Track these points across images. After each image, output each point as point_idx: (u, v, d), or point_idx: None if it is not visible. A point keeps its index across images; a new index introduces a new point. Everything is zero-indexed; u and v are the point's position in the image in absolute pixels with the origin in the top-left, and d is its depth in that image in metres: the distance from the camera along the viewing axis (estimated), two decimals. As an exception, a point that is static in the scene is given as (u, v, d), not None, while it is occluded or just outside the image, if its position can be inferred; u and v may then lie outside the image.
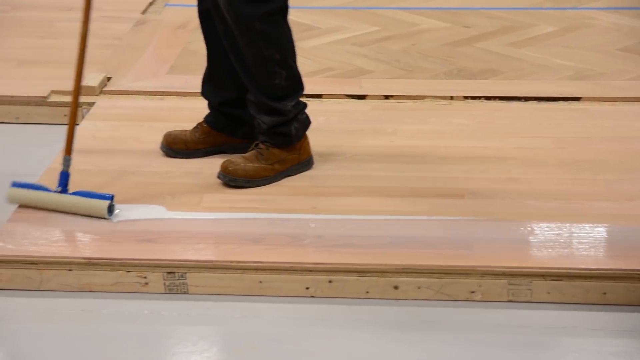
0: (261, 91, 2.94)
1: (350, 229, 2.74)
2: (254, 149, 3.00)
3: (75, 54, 4.10)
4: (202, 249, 2.65)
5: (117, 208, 2.81)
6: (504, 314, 2.53)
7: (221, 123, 3.14)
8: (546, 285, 2.55)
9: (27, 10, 4.73)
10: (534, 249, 2.64)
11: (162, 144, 3.17)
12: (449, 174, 3.04)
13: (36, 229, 2.74)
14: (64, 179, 2.84)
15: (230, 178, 2.94)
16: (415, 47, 4.19)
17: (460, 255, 2.61)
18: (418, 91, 3.70)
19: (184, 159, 3.14)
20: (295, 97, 2.99)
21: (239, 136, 3.15)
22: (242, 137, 3.14)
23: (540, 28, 4.41)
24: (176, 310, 2.56)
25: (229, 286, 2.60)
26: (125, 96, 3.72)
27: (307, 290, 2.59)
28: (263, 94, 2.93)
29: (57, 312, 2.56)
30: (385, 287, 2.58)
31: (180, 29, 4.43)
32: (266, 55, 2.88)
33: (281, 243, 2.68)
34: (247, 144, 3.09)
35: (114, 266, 2.61)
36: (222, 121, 3.14)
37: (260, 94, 2.94)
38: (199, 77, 3.15)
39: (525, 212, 2.81)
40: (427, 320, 2.51)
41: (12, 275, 2.62)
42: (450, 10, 4.67)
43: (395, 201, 2.88)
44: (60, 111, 3.66)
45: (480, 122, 3.44)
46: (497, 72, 3.91)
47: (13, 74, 3.92)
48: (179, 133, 3.17)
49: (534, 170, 3.07)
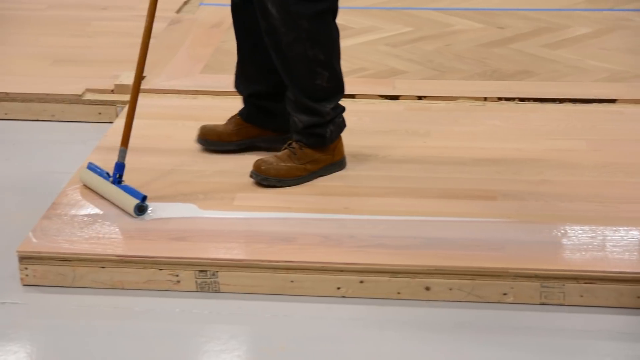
0: (301, 90, 2.93)
1: (382, 230, 2.73)
2: (287, 148, 3.01)
3: (110, 52, 4.16)
4: (233, 247, 2.66)
5: (150, 208, 2.82)
6: (536, 317, 2.51)
7: (253, 115, 3.15)
8: (579, 288, 2.53)
9: (63, 9, 4.77)
10: (567, 251, 2.63)
11: (197, 136, 3.19)
12: (482, 175, 3.03)
13: (70, 226, 2.76)
14: (116, 169, 2.87)
15: (262, 177, 2.95)
16: (449, 47, 4.17)
17: (492, 257, 2.59)
18: (451, 92, 3.69)
19: (217, 152, 3.15)
20: (334, 100, 2.98)
21: (270, 128, 3.15)
22: (273, 129, 3.15)
23: (576, 29, 4.38)
24: (207, 309, 2.56)
25: (260, 285, 2.60)
26: (159, 95, 3.73)
27: (338, 290, 2.59)
28: (302, 93, 2.93)
29: (90, 309, 2.57)
30: (416, 288, 2.57)
31: (214, 28, 4.45)
32: (310, 55, 2.87)
33: (313, 243, 2.68)
34: (278, 137, 3.10)
35: (147, 264, 2.62)
36: (253, 113, 3.15)
37: (299, 92, 2.93)
38: (232, 76, 3.16)
39: (558, 215, 2.79)
40: (459, 322, 2.50)
41: (45, 271, 2.64)
42: (484, 10, 4.65)
43: (428, 202, 2.88)
44: (95, 109, 3.68)
45: (514, 123, 3.42)
46: (531, 73, 3.89)
47: (48, 72, 3.95)
48: (213, 126, 3.19)
49: (568, 173, 3.04)
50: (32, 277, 2.65)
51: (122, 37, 4.36)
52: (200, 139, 3.18)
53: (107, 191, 2.87)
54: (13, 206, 3.08)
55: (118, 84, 3.74)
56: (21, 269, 2.65)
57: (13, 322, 2.53)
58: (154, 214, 2.81)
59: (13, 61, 4.06)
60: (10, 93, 3.72)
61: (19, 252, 2.65)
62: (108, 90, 3.75)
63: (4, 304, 2.59)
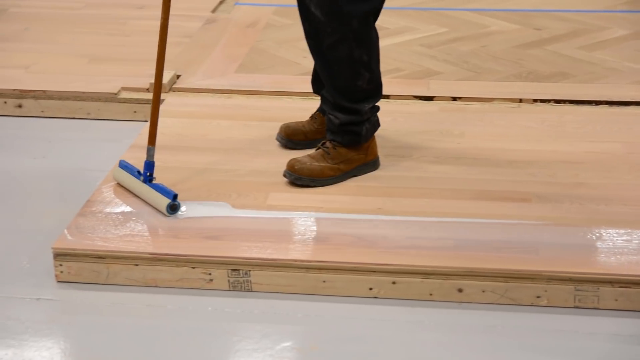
0: (340, 91, 2.93)
1: (416, 231, 2.72)
2: (321, 147, 3.01)
3: (145, 51, 4.18)
4: (266, 247, 2.66)
5: (183, 206, 2.83)
6: (570, 320, 2.49)
7: None
8: (614, 292, 2.51)
9: (100, 7, 4.80)
10: (602, 254, 2.61)
11: (279, 136, 3.20)
12: (516, 177, 3.01)
13: (104, 223, 2.78)
14: (146, 168, 2.89)
15: (296, 177, 2.95)
16: (484, 48, 4.16)
17: (526, 260, 2.58)
18: (486, 93, 3.67)
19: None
20: (373, 101, 2.99)
21: None
22: None
23: (613, 31, 4.34)
24: (240, 308, 2.57)
25: (293, 285, 2.60)
26: (193, 94, 3.75)
27: (370, 290, 2.59)
28: (342, 94, 2.93)
29: (123, 306, 2.59)
30: (449, 289, 2.56)
31: (249, 27, 4.46)
32: (355, 55, 2.87)
33: (346, 243, 2.68)
34: None
35: (180, 262, 2.63)
36: None
37: (338, 94, 2.94)
38: (267, 75, 3.17)
39: (593, 217, 2.77)
40: (491, 325, 2.49)
41: (79, 268, 2.66)
42: (521, 12, 4.63)
43: (461, 204, 2.86)
44: (130, 107, 3.71)
45: (549, 125, 3.40)
46: (567, 75, 3.86)
47: (85, 71, 3.98)
48: (296, 125, 3.21)
49: (603, 175, 3.02)
50: (66, 273, 2.67)
51: (157, 36, 4.36)
52: (284, 139, 3.19)
53: (139, 190, 2.89)
54: (48, 203, 3.11)
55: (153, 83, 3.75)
56: (56, 266, 2.67)
57: (47, 318, 2.55)
58: (188, 212, 2.82)
59: (50, 59, 4.10)
60: (47, 91, 3.75)
61: (54, 249, 2.67)
62: (143, 88, 3.76)
63: (39, 300, 2.61)
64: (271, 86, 3.76)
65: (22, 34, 4.43)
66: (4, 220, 3.02)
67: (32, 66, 4.01)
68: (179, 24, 4.51)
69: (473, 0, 4.80)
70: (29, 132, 3.64)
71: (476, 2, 4.77)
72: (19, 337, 2.47)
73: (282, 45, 4.22)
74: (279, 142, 3.21)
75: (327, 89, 2.97)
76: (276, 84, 3.78)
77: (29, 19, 4.62)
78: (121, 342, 2.45)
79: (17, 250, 2.83)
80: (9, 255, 2.81)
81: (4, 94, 3.76)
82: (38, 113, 3.76)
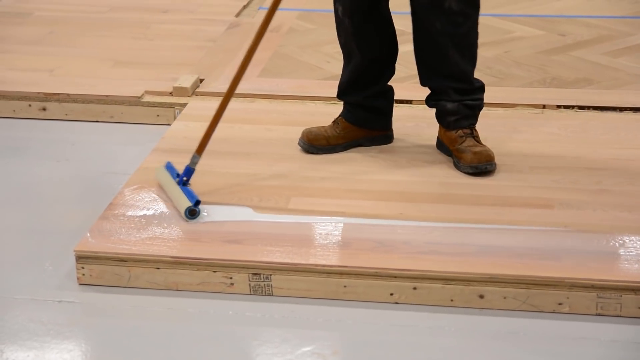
0: (465, 77, 3.07)
1: (437, 236, 2.72)
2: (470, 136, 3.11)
3: (169, 55, 4.19)
4: (287, 251, 2.66)
5: (205, 212, 2.83)
6: (592, 328, 2.48)
7: (361, 119, 3.21)
8: (637, 299, 2.49)
9: (124, 11, 4.82)
10: (624, 262, 2.59)
11: (302, 141, 3.22)
12: (539, 183, 3.00)
13: (126, 227, 2.79)
14: (185, 172, 2.90)
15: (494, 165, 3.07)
16: (508, 54, 4.14)
17: (548, 266, 2.56)
18: (510, 99, 3.65)
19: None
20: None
21: (377, 128, 3.23)
22: (380, 128, 3.23)
23: (638, 37, 4.31)
24: (260, 312, 2.57)
25: (313, 289, 2.60)
26: (217, 98, 3.74)
27: (391, 296, 2.58)
28: (467, 79, 3.08)
29: (144, 309, 2.60)
30: (470, 295, 2.55)
31: (272, 32, 4.46)
32: (477, 40, 3.10)
33: (367, 248, 2.67)
34: (383, 134, 3.21)
35: (201, 266, 2.64)
36: (362, 117, 3.21)
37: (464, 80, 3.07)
38: (289, 80, 3.17)
39: (616, 225, 2.75)
40: (512, 331, 2.48)
41: (101, 271, 2.67)
42: (545, 17, 4.61)
43: (483, 209, 2.85)
44: (153, 111, 3.72)
45: (573, 131, 3.38)
46: (591, 81, 3.84)
47: (109, 74, 4.00)
48: (318, 130, 3.24)
49: (627, 182, 3.00)
50: (88, 276, 2.68)
51: (181, 40, 4.40)
52: (306, 144, 3.21)
53: (170, 189, 2.91)
54: (71, 206, 3.13)
55: (177, 87, 3.77)
56: (78, 269, 2.68)
57: (69, 321, 2.56)
58: (209, 216, 2.83)
59: (74, 63, 4.12)
60: (71, 94, 3.77)
61: (77, 252, 2.68)
62: (167, 92, 3.78)
63: (61, 302, 2.62)
64: (294, 91, 3.76)
65: (47, 37, 4.46)
66: (27, 223, 3.04)
67: (56, 69, 4.03)
68: (203, 28, 4.53)
69: (497, 6, 4.78)
70: (52, 135, 3.66)
71: (500, 7, 4.75)
72: (40, 340, 2.48)
73: (305, 50, 4.23)
74: (301, 147, 3.21)
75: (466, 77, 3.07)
76: (299, 89, 3.78)
77: (53, 22, 4.65)
78: (142, 345, 2.46)
79: (39, 253, 2.84)
80: (31, 258, 2.83)
81: (29, 97, 3.79)
82: (62, 116, 3.78)
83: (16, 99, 3.79)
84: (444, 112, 3.11)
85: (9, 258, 2.84)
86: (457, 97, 3.09)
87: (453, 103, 3.09)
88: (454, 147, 3.10)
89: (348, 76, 3.19)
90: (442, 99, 3.11)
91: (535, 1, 4.87)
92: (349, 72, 3.18)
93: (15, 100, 3.79)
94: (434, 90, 3.14)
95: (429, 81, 3.13)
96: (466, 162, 3.04)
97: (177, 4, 4.96)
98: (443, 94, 3.10)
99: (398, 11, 3.09)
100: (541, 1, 4.88)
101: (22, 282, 2.71)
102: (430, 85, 3.14)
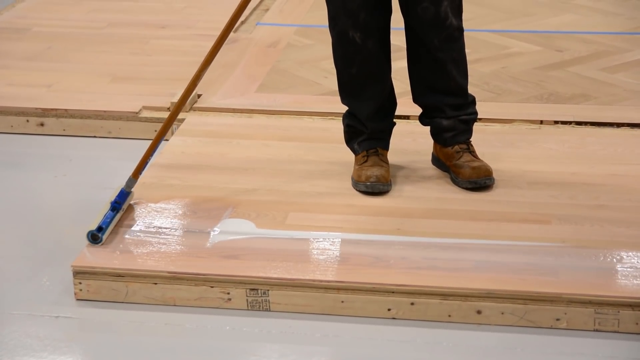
0: (463, 88, 3.08)
1: (434, 252, 2.72)
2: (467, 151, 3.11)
3: (167, 70, 4.20)
4: (285, 267, 2.66)
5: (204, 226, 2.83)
6: (589, 344, 2.47)
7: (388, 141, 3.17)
8: (634, 315, 2.49)
9: (123, 27, 4.83)
10: (622, 277, 2.59)
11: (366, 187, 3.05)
12: (536, 199, 3.00)
13: (123, 242, 2.79)
14: (118, 195, 2.88)
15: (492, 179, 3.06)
16: (505, 70, 4.15)
17: (545, 282, 2.56)
18: (507, 114, 3.66)
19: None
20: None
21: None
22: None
23: (636, 53, 4.32)
24: (258, 327, 2.57)
25: (311, 305, 2.60)
26: (214, 113, 3.76)
27: (388, 311, 2.58)
28: (464, 90, 3.09)
29: (142, 324, 2.59)
30: (468, 311, 2.55)
31: (270, 47, 4.47)
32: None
33: (364, 263, 2.67)
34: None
35: (198, 281, 2.63)
36: (388, 139, 3.17)
37: (462, 91, 3.08)
38: (287, 95, 3.17)
39: (614, 240, 2.76)
40: (510, 347, 2.47)
41: (98, 286, 2.67)
42: (543, 33, 4.62)
43: (481, 225, 2.85)
44: (151, 127, 3.72)
45: (570, 147, 3.39)
46: (589, 97, 3.85)
47: (107, 89, 4.00)
48: (378, 173, 3.05)
49: (625, 198, 3.00)
50: (85, 292, 2.68)
51: (179, 56, 4.40)
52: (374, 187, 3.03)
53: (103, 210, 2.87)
54: (69, 221, 3.12)
55: (174, 102, 3.77)
56: (75, 284, 2.68)
57: (66, 336, 2.55)
58: (207, 231, 2.83)
59: (72, 78, 4.12)
60: (69, 110, 3.78)
61: (74, 267, 2.68)
62: (164, 108, 3.78)
63: (58, 318, 2.62)
64: (291, 106, 3.76)
65: (45, 52, 4.47)
66: (24, 238, 3.04)
67: (54, 85, 4.04)
68: (201, 44, 4.53)
69: (495, 22, 4.79)
70: (50, 150, 3.66)
71: (498, 23, 4.77)
72: (37, 355, 2.47)
73: (303, 65, 4.24)
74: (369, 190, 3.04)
75: (462, 93, 3.07)
76: (296, 104, 3.79)
77: (51, 37, 4.66)
78: (139, 360, 2.46)
79: (37, 268, 2.84)
80: (29, 273, 2.82)
81: (27, 113, 3.79)
82: (60, 131, 3.78)
83: (14, 114, 3.79)
84: (440, 129, 3.11)
85: (6, 273, 2.83)
86: (453, 113, 3.08)
87: (448, 120, 3.09)
88: (451, 163, 3.09)
89: (371, 106, 3.07)
90: (437, 116, 3.10)
91: (532, 17, 4.89)
92: (370, 102, 3.07)
93: (12, 115, 3.79)
94: (427, 107, 3.13)
95: (423, 98, 3.12)
96: (465, 177, 3.03)
97: (175, 19, 4.97)
98: (437, 111, 3.10)
99: (394, 27, 3.10)
100: (538, 17, 4.90)
101: (19, 297, 2.71)
102: (425, 102, 3.13)
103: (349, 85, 3.08)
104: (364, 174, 3.04)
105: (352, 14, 2.93)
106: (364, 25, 2.95)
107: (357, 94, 3.08)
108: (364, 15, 2.93)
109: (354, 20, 2.94)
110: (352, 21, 2.94)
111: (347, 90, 3.09)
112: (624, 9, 5.03)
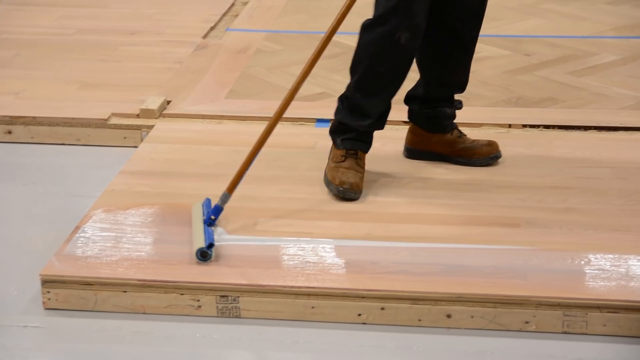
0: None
1: (404, 256, 2.72)
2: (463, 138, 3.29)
3: (136, 77, 4.18)
4: (255, 273, 2.65)
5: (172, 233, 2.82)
6: (559, 346, 2.49)
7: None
8: (602, 317, 2.51)
9: (91, 34, 4.81)
10: (590, 280, 2.60)
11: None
12: (505, 202, 3.02)
13: (92, 250, 2.77)
14: (212, 211, 2.86)
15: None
16: (474, 74, 4.12)
17: (514, 285, 2.58)
18: (476, 119, 3.68)
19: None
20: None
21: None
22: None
23: (602, 57, 4.36)
24: (228, 334, 2.56)
25: (281, 311, 2.60)
26: (184, 119, 3.75)
27: (359, 317, 2.58)
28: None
29: (111, 333, 2.58)
30: (437, 315, 2.56)
31: (240, 53, 4.47)
32: None
33: (334, 269, 2.67)
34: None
35: (168, 289, 2.62)
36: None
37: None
38: (257, 101, 3.16)
39: (582, 243, 2.77)
40: (480, 350, 2.48)
41: (67, 295, 2.65)
42: (511, 37, 4.65)
43: (450, 229, 2.86)
44: (120, 134, 3.70)
45: (538, 150, 3.41)
46: (557, 100, 3.88)
47: (75, 97, 3.98)
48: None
49: (593, 201, 3.02)
50: (54, 300, 2.66)
51: (148, 62, 4.40)
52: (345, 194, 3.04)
53: (194, 226, 2.83)
54: (37, 229, 3.10)
55: (143, 109, 3.76)
56: (43, 293, 2.66)
57: (34, 346, 2.54)
58: (176, 238, 2.81)
59: (40, 85, 4.10)
60: (37, 117, 3.75)
61: (42, 276, 2.66)
62: (133, 114, 3.77)
63: (26, 327, 2.60)
64: (261, 112, 3.76)
65: (13, 60, 4.44)
66: (-8, 247, 3.01)
67: (22, 92, 4.01)
68: (170, 50, 4.53)
69: (463, 26, 4.81)
70: (18, 158, 3.63)
71: (466, 27, 4.78)
72: (5, 365, 2.46)
73: (273, 71, 4.24)
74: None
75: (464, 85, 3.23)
76: (266, 110, 3.77)
77: (20, 45, 4.63)
78: (109, 369, 2.44)
79: (5, 277, 2.82)
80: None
81: (-6, 120, 3.76)
82: (28, 139, 3.75)
83: (-19, 122, 3.77)
84: (444, 116, 3.23)
85: (-27, 283, 2.81)
86: (455, 101, 3.26)
87: (451, 108, 3.24)
88: (456, 148, 3.23)
89: (383, 106, 3.10)
90: (443, 105, 3.22)
91: (500, 22, 4.92)
92: (385, 101, 3.09)
93: (-20, 123, 3.77)
94: (434, 98, 3.22)
95: (433, 90, 3.22)
96: (483, 155, 3.22)
97: (144, 26, 4.96)
98: (444, 101, 3.22)
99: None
100: (506, 22, 4.93)
101: (-14, 307, 2.69)
102: (434, 94, 3.22)
103: (371, 83, 3.06)
104: (338, 177, 3.04)
105: (410, 15, 2.91)
106: (416, 27, 2.95)
107: (375, 92, 3.07)
108: (420, 19, 2.94)
109: (410, 22, 2.91)
110: (408, 22, 2.91)
111: (366, 87, 3.06)
112: (590, 13, 5.08)
